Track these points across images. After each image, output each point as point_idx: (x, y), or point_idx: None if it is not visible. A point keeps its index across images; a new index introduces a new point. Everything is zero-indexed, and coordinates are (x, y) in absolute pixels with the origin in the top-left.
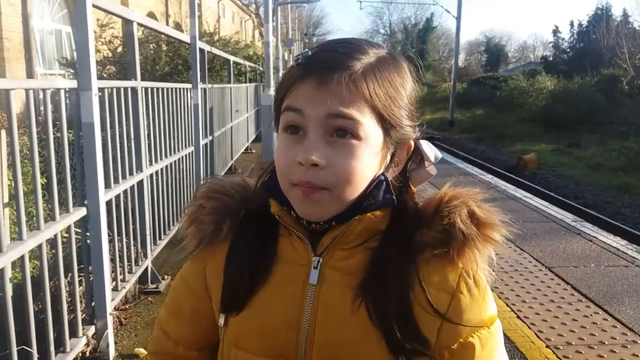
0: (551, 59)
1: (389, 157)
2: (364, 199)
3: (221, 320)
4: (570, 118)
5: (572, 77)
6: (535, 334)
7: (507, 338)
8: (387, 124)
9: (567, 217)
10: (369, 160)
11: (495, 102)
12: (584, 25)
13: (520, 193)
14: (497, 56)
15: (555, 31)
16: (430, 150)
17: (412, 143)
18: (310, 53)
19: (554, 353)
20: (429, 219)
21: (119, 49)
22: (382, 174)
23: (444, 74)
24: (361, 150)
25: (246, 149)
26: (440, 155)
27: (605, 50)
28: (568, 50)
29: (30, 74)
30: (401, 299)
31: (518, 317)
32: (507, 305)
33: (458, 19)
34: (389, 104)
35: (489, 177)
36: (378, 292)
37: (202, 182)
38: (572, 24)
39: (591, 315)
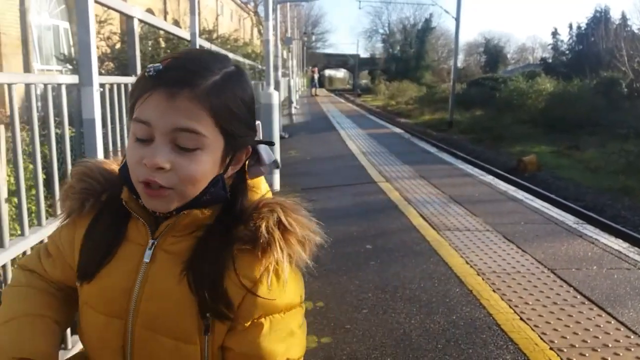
0: (550, 60)
1: (228, 159)
2: (203, 195)
3: (78, 282)
4: (570, 120)
5: (571, 79)
6: (539, 336)
7: (510, 340)
8: (228, 135)
9: (569, 219)
10: (209, 165)
11: (494, 103)
12: (582, 28)
13: (521, 194)
14: (496, 57)
15: (554, 33)
16: (265, 154)
17: (250, 147)
18: (161, 67)
19: (557, 355)
20: (247, 218)
21: (117, 45)
22: (220, 174)
23: (442, 75)
24: (203, 157)
25: None
26: (273, 157)
27: (604, 53)
28: (567, 52)
29: (27, 69)
30: (215, 274)
31: (521, 319)
32: (510, 307)
33: (457, 19)
34: (230, 118)
35: (489, 178)
36: (197, 269)
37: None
38: (570, 27)
39: (594, 317)
